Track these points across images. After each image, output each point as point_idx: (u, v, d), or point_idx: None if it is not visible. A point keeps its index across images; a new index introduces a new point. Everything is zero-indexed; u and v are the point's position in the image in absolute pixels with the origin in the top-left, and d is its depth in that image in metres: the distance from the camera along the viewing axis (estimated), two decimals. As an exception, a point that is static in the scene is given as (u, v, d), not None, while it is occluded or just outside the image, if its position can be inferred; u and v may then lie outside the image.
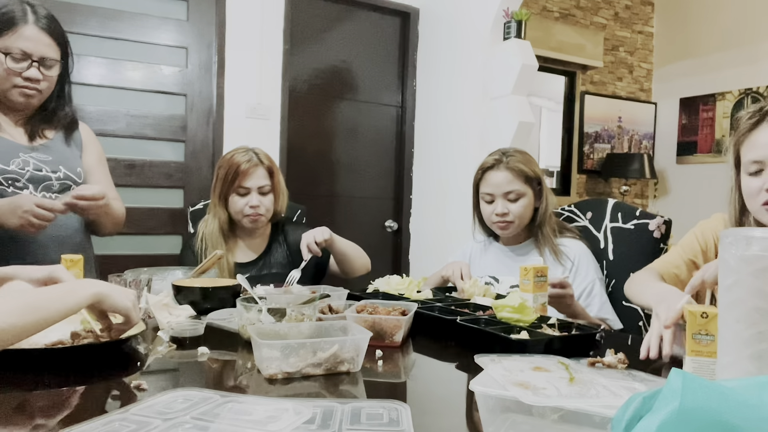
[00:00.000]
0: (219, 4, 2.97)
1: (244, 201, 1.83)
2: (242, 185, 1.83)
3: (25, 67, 1.47)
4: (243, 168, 1.82)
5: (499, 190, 1.70)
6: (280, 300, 1.25)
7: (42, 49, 1.48)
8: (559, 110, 4.73)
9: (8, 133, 1.53)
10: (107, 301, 0.96)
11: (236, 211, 1.85)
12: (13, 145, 1.52)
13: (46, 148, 1.57)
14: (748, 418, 0.47)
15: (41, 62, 1.49)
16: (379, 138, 3.60)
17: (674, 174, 4.93)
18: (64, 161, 1.59)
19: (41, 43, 1.48)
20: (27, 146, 1.54)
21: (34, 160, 1.53)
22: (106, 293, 0.95)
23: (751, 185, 1.16)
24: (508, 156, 1.72)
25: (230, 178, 1.83)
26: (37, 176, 1.52)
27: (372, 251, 2.12)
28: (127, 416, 0.71)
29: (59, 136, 1.62)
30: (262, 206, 1.85)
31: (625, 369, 0.98)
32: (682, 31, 4.84)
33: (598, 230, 1.80)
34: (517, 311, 1.20)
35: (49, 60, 1.50)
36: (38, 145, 1.56)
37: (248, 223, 1.86)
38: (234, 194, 1.85)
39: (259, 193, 1.84)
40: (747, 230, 0.73)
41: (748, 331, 0.70)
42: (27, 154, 1.53)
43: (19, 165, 1.50)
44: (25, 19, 1.46)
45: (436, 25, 3.47)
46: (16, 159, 1.50)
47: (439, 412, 0.86)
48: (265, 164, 1.87)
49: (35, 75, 1.48)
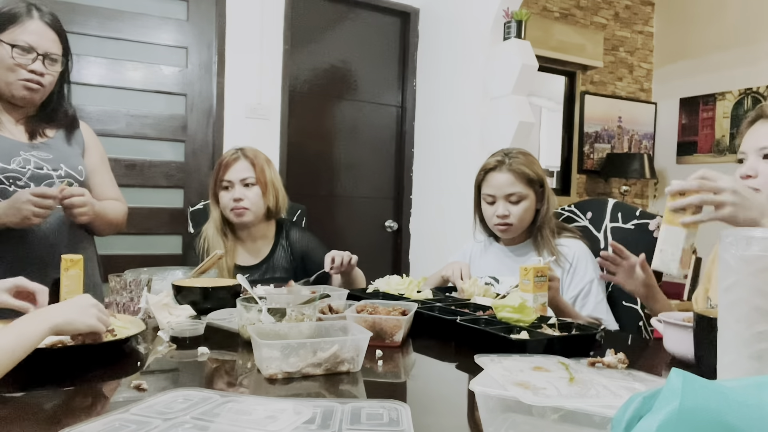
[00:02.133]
0: (219, 4, 2.97)
1: (229, 195, 1.84)
2: (224, 178, 1.85)
3: (30, 61, 1.48)
4: (225, 162, 1.86)
5: (501, 192, 1.69)
6: (280, 300, 1.25)
7: (47, 43, 1.50)
8: (559, 110, 4.73)
9: (9, 131, 1.54)
10: (67, 329, 0.93)
11: (223, 206, 1.86)
12: (13, 143, 1.52)
13: (46, 147, 1.57)
14: (748, 418, 0.47)
15: (45, 57, 1.50)
16: (379, 138, 3.60)
17: (674, 174, 4.93)
18: (65, 159, 1.59)
19: (46, 37, 1.50)
20: (28, 144, 1.54)
21: (34, 158, 1.53)
22: (61, 324, 0.91)
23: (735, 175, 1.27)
24: (511, 157, 1.71)
25: (215, 175, 1.88)
26: (38, 174, 1.52)
27: (372, 251, 2.12)
28: (127, 416, 0.71)
29: (60, 135, 1.62)
30: (247, 199, 1.84)
31: (625, 369, 0.98)
32: (682, 31, 4.84)
33: (598, 230, 1.80)
34: (517, 311, 1.20)
35: (53, 55, 1.52)
36: (39, 144, 1.56)
37: (234, 217, 1.85)
38: (220, 190, 1.87)
39: (242, 185, 1.84)
40: (747, 230, 0.73)
41: (748, 331, 0.70)
42: (28, 152, 1.53)
43: (20, 163, 1.50)
44: (30, 15, 1.49)
45: (436, 25, 3.46)
46: (17, 157, 1.50)
47: (439, 412, 0.86)
48: (249, 157, 1.87)
49: (40, 68, 1.49)
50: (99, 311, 0.99)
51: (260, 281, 1.82)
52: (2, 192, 1.46)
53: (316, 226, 2.31)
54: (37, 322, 0.89)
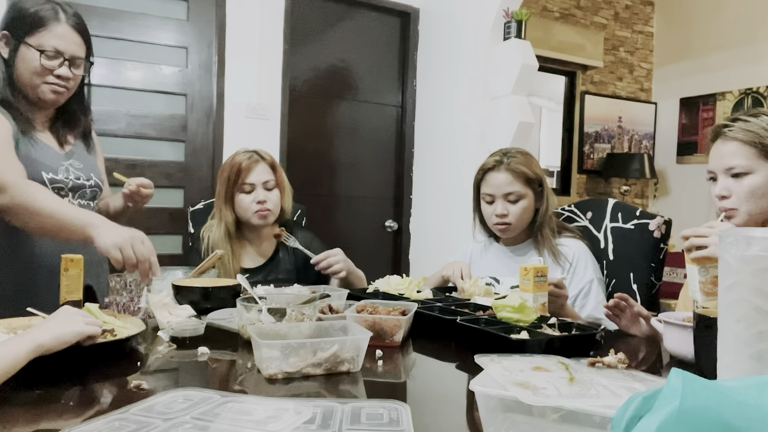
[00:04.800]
0: (219, 4, 2.97)
1: (251, 198, 1.82)
2: (246, 182, 1.82)
3: (57, 65, 1.47)
4: (245, 165, 1.82)
5: (500, 191, 1.70)
6: (280, 300, 1.25)
7: (73, 47, 1.48)
8: (559, 110, 4.73)
9: (45, 137, 1.53)
10: (55, 345, 0.90)
11: (244, 209, 1.83)
12: (55, 153, 1.53)
13: (77, 156, 1.58)
14: (748, 418, 0.47)
15: (71, 61, 1.49)
16: (379, 138, 3.60)
17: (674, 174, 4.93)
18: (92, 168, 1.62)
19: (72, 42, 1.48)
20: (62, 154, 1.55)
21: (72, 168, 1.55)
22: (48, 342, 0.89)
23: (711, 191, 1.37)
24: (510, 157, 1.71)
25: (234, 177, 1.83)
26: (77, 184, 1.54)
27: (372, 251, 2.12)
28: (127, 416, 0.71)
29: (80, 143, 1.63)
30: (270, 201, 1.84)
31: (625, 369, 0.98)
32: (682, 31, 4.84)
33: (598, 230, 1.80)
34: (517, 311, 1.20)
35: (78, 59, 1.50)
36: (69, 152, 1.57)
37: (257, 219, 1.83)
38: (240, 193, 1.83)
39: (264, 189, 1.84)
40: (747, 230, 0.73)
41: (748, 331, 0.70)
42: (66, 161, 1.54)
43: (64, 173, 1.52)
44: (57, 18, 1.46)
45: (436, 25, 3.47)
46: (61, 167, 1.51)
47: (439, 412, 0.86)
48: (267, 160, 1.87)
49: (66, 73, 1.48)
50: (83, 316, 0.99)
51: (264, 282, 1.81)
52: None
53: (316, 226, 2.30)
54: (20, 342, 0.87)
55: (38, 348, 0.88)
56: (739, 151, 1.29)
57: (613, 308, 1.34)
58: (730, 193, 1.30)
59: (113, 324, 1.08)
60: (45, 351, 0.89)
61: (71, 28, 1.48)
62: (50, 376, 0.90)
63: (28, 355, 0.86)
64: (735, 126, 1.31)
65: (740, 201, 1.28)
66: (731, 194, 1.29)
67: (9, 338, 0.92)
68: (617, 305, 1.33)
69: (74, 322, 0.95)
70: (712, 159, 1.35)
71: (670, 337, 1.11)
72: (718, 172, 1.33)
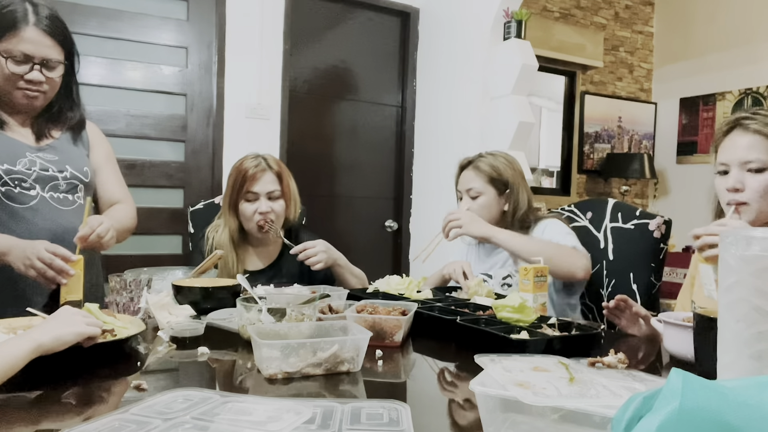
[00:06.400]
0: (219, 4, 2.97)
1: (253, 207, 1.78)
2: (250, 190, 1.78)
3: (27, 70, 1.44)
4: (251, 173, 1.78)
5: (464, 188, 1.82)
6: (280, 300, 1.25)
7: (44, 50, 1.45)
8: (559, 110, 4.73)
9: (16, 132, 1.53)
10: (56, 345, 0.90)
11: (246, 218, 1.80)
12: (19, 144, 1.51)
13: (52, 148, 1.56)
14: (748, 418, 0.46)
15: (43, 64, 1.46)
16: (379, 138, 3.59)
17: (674, 174, 4.93)
18: (71, 161, 1.58)
19: (43, 45, 1.45)
20: (33, 146, 1.53)
21: (40, 159, 1.52)
22: (48, 342, 0.89)
23: (718, 185, 1.33)
24: (482, 156, 1.82)
25: (239, 184, 1.79)
26: (44, 176, 1.51)
27: (372, 251, 2.12)
28: (127, 416, 0.71)
29: (66, 136, 1.60)
30: (273, 212, 1.79)
31: (625, 369, 0.98)
32: (682, 31, 4.84)
33: (598, 230, 1.80)
34: (517, 311, 1.20)
35: (51, 62, 1.47)
36: (45, 145, 1.55)
37: (258, 231, 1.80)
38: (243, 201, 1.80)
39: (268, 199, 1.79)
40: (747, 230, 0.73)
41: (748, 331, 0.70)
42: (33, 153, 1.52)
43: (26, 165, 1.49)
44: (26, 20, 1.43)
45: (436, 25, 3.46)
46: (22, 159, 1.49)
47: (439, 412, 0.86)
48: (274, 169, 1.82)
49: (37, 77, 1.45)
50: (84, 316, 0.99)
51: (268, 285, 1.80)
52: (7, 194, 1.46)
53: (316, 226, 2.31)
54: (20, 343, 0.87)
55: (38, 348, 0.88)
56: (759, 145, 1.25)
57: (612, 309, 1.34)
58: (744, 187, 1.25)
59: (113, 324, 1.08)
60: (45, 351, 0.89)
61: (41, 30, 1.44)
62: (50, 376, 0.90)
63: (28, 356, 0.86)
64: (757, 118, 1.26)
65: (753, 196, 1.24)
66: (745, 188, 1.25)
67: (9, 338, 0.92)
68: (617, 306, 1.33)
69: (75, 322, 0.95)
70: (726, 150, 1.30)
71: (670, 337, 1.11)
72: (733, 164, 1.28)
